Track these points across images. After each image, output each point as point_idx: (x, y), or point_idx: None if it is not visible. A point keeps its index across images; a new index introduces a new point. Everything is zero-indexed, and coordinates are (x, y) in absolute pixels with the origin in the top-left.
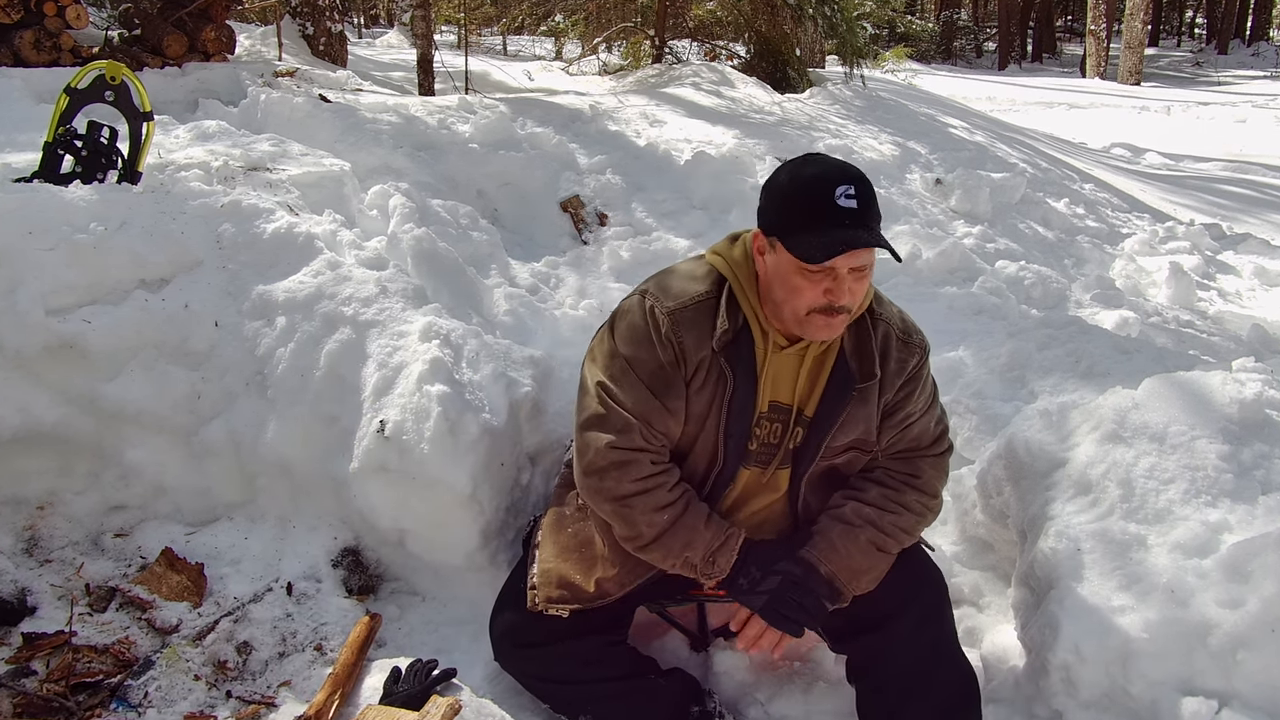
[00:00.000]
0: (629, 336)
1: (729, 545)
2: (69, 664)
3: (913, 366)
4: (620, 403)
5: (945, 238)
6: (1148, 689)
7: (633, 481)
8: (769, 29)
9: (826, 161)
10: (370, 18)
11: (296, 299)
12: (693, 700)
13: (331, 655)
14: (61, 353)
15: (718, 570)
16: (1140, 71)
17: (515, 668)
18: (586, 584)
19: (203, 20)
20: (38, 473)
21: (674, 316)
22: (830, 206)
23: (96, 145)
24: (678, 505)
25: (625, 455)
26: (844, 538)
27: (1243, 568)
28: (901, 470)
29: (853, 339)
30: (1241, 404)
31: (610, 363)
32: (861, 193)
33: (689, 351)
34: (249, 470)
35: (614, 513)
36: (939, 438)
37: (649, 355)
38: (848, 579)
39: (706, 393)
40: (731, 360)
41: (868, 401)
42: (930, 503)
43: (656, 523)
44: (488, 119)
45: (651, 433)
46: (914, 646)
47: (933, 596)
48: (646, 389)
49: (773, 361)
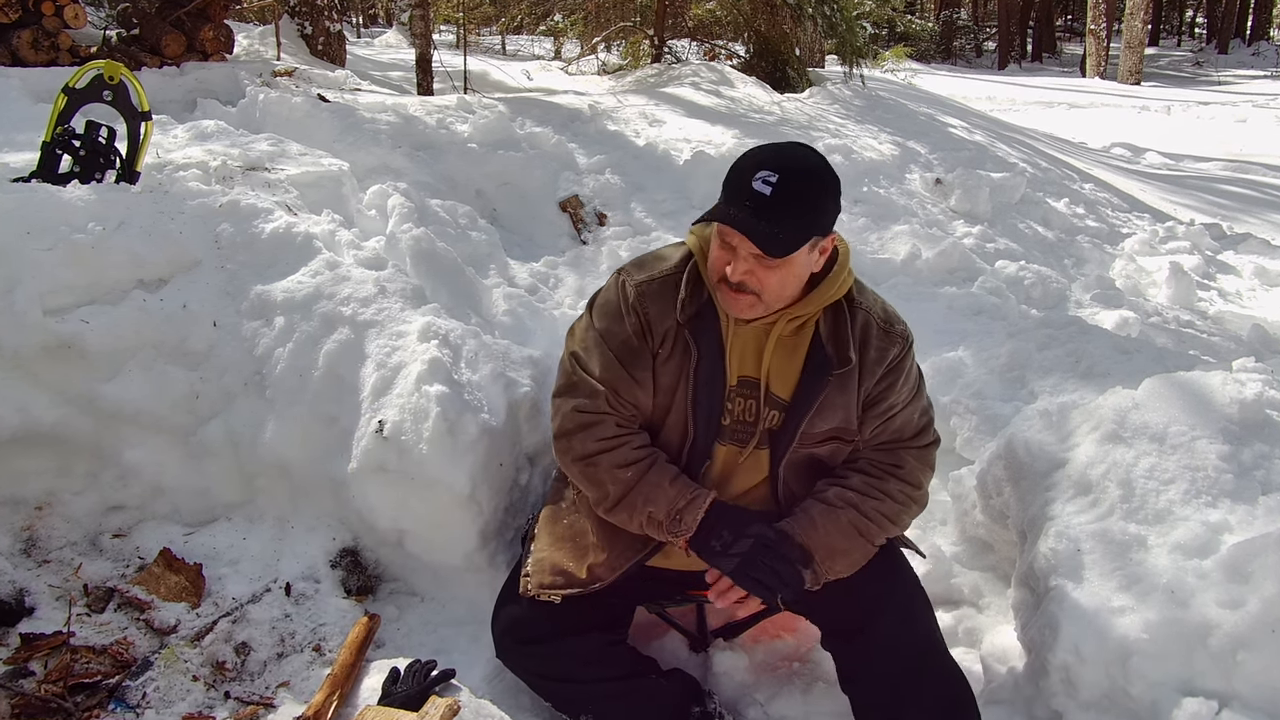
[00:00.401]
0: (602, 311)
1: (696, 503)
2: (67, 665)
3: (894, 356)
4: (589, 371)
5: (945, 238)
6: (1148, 690)
7: (596, 441)
8: (768, 28)
9: (777, 148)
10: (369, 17)
11: (295, 299)
12: (693, 701)
13: (330, 656)
14: (60, 353)
15: (684, 528)
16: (1140, 71)
17: (516, 664)
18: (579, 570)
19: (201, 20)
20: (36, 473)
21: (640, 289)
22: (745, 186)
23: (94, 145)
24: (643, 464)
25: (590, 417)
26: (824, 516)
27: (1243, 568)
28: (885, 460)
29: (828, 324)
30: (1242, 404)
31: (584, 336)
32: (783, 184)
33: (654, 322)
34: (247, 470)
35: (581, 473)
36: (923, 429)
37: (619, 328)
38: (823, 557)
39: (674, 364)
40: (696, 332)
41: (846, 389)
42: (914, 493)
43: (620, 479)
44: (486, 119)
45: (619, 401)
46: (898, 656)
47: (910, 602)
48: (615, 359)
49: (738, 335)
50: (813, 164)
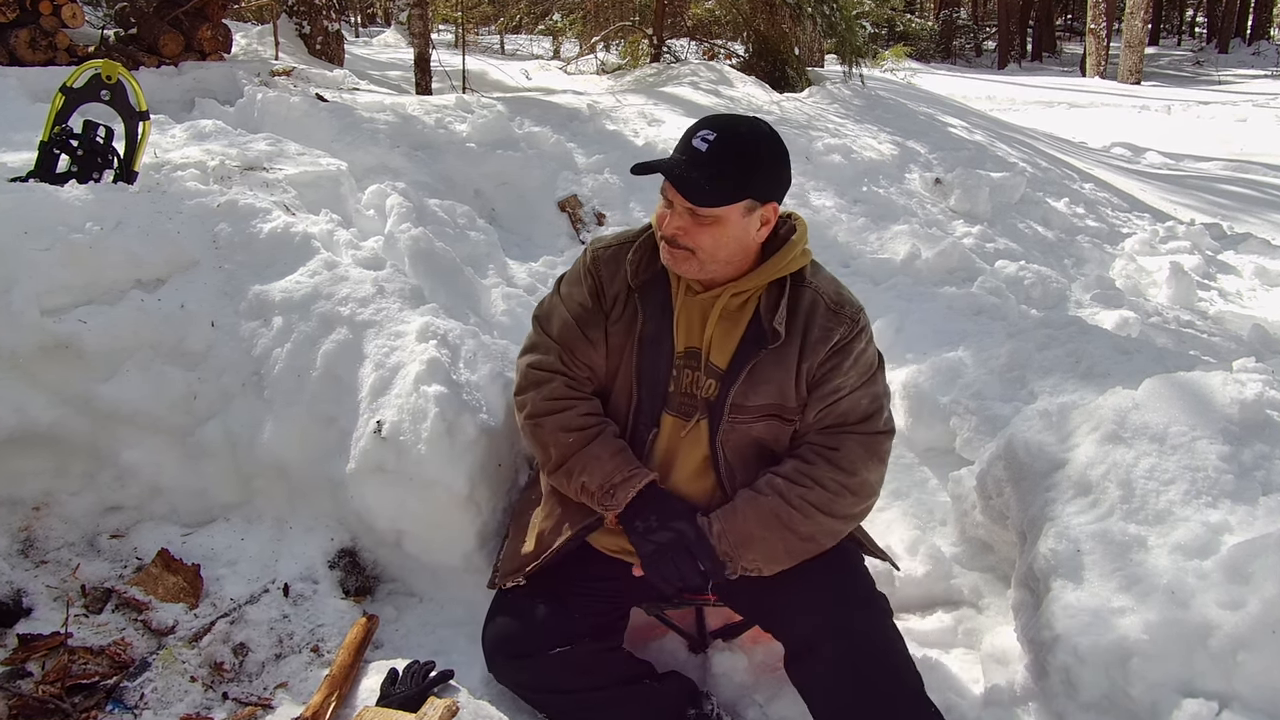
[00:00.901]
0: (569, 277)
1: (632, 481)
2: (65, 665)
3: (840, 337)
4: (547, 330)
5: (944, 237)
6: (1148, 691)
7: (545, 400)
8: (767, 28)
9: (729, 116)
10: (367, 16)
11: (293, 299)
12: (690, 703)
13: (328, 657)
14: (57, 353)
15: (615, 503)
16: (1140, 70)
17: (509, 678)
18: (529, 545)
19: (199, 19)
20: (33, 473)
21: (597, 253)
22: (685, 142)
23: (92, 145)
24: (588, 432)
25: (541, 375)
26: (747, 502)
27: (1243, 569)
28: (822, 444)
29: (769, 299)
30: (1242, 404)
31: (550, 300)
32: (720, 141)
33: (605, 284)
34: (245, 471)
35: (530, 433)
36: (870, 415)
37: (578, 291)
38: (735, 542)
39: (622, 327)
40: (644, 298)
41: (782, 363)
42: (847, 480)
43: (562, 443)
44: (485, 118)
45: (574, 361)
46: (845, 685)
47: (862, 623)
48: (572, 320)
49: (685, 305)
50: (758, 131)
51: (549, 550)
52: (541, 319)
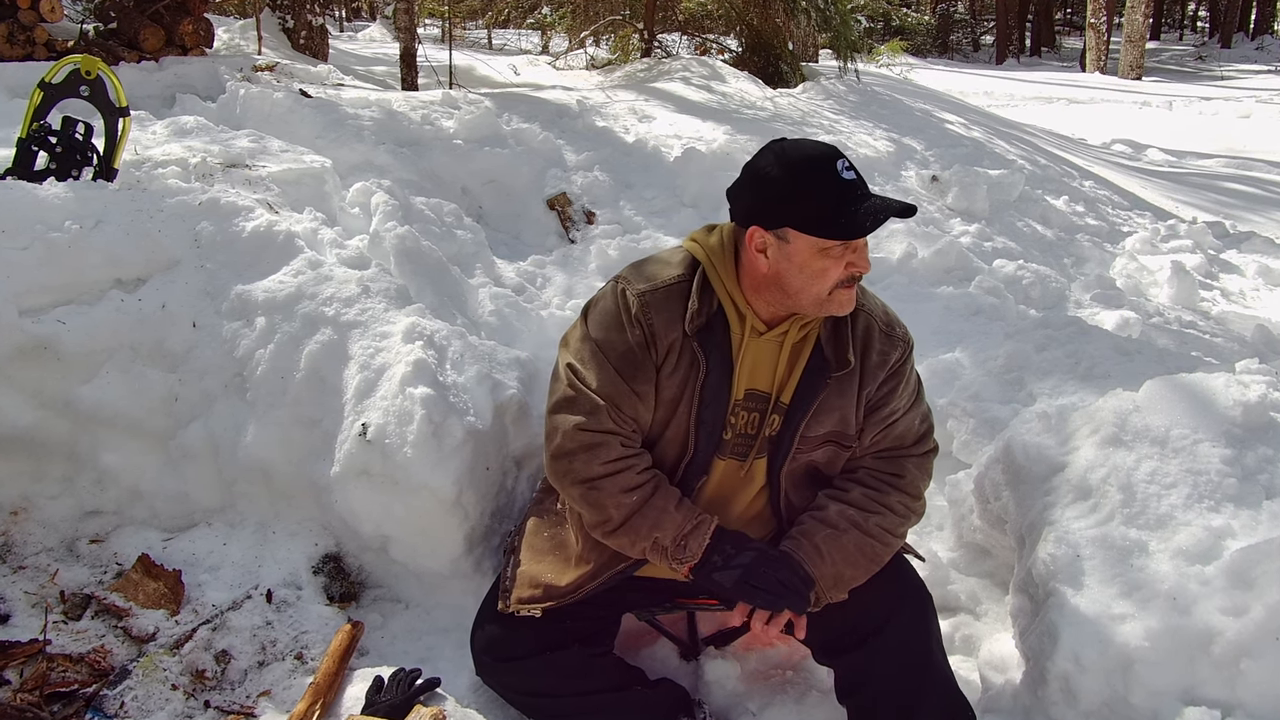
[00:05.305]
0: (600, 321)
1: (701, 529)
2: (43, 673)
3: (895, 360)
4: (588, 384)
5: (941, 236)
6: (1149, 698)
7: (601, 464)
8: (761, 22)
9: (803, 143)
10: (352, 11)
11: (276, 299)
12: (681, 711)
13: (312, 664)
14: (35, 354)
15: (689, 555)
16: (1141, 66)
17: (497, 681)
18: (559, 580)
19: (180, 13)
20: (11, 477)
21: (644, 298)
22: (840, 183)
23: (71, 141)
24: (646, 487)
25: (594, 438)
26: (829, 543)
27: (1246, 574)
28: (885, 470)
29: (829, 327)
30: (1245, 407)
31: (580, 347)
32: (852, 164)
33: (659, 333)
34: (228, 475)
35: (582, 496)
36: (923, 436)
37: (619, 338)
38: (829, 585)
39: (678, 377)
40: (705, 344)
41: (845, 392)
42: (913, 504)
43: (625, 504)
44: (472, 114)
45: (621, 416)
46: (900, 669)
47: (916, 612)
48: (615, 372)
49: (750, 347)
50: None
51: (581, 592)
52: (577, 370)
